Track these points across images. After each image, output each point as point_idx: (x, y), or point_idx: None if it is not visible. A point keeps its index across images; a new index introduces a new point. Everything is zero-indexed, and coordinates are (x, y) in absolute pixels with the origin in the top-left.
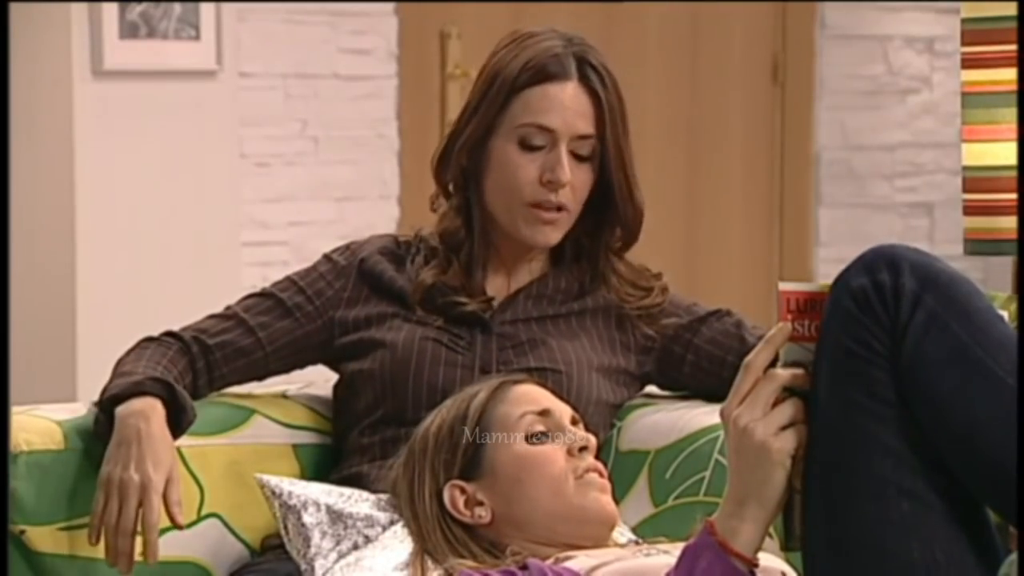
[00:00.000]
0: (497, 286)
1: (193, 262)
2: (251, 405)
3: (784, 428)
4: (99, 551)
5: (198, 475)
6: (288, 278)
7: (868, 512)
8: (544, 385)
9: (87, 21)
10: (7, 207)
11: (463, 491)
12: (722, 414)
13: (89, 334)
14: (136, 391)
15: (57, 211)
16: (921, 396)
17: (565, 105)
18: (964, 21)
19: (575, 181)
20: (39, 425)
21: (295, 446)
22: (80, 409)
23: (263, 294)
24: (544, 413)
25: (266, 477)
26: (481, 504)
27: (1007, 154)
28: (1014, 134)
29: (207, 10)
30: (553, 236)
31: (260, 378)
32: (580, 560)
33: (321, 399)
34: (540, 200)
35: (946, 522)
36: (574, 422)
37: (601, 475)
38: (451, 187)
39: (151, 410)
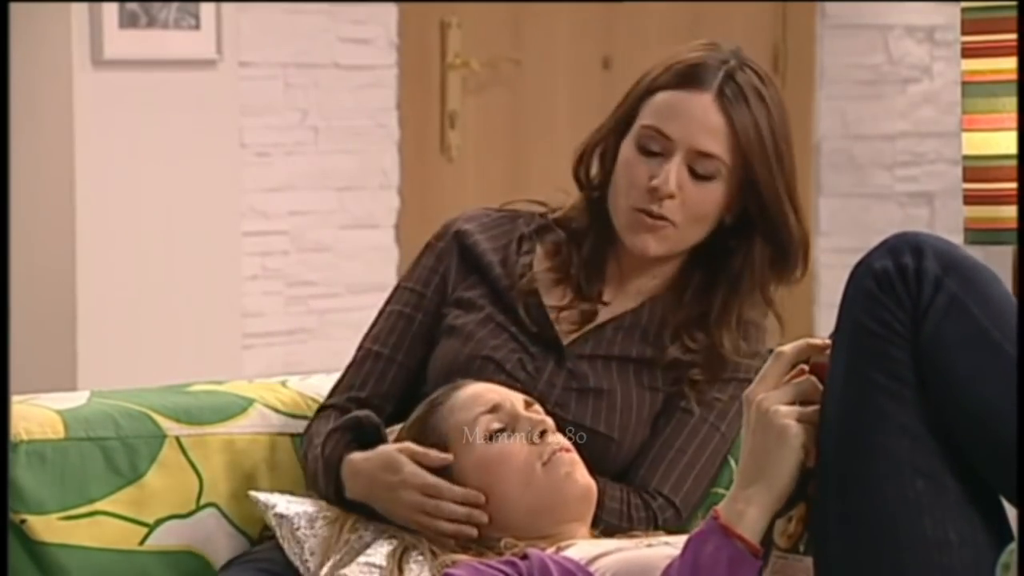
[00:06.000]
0: (610, 296)
1: (193, 251)
2: (251, 395)
3: (795, 403)
4: (99, 540)
5: (197, 465)
6: (399, 287)
7: (882, 490)
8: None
9: (87, 10)
10: (7, 198)
11: None
12: (745, 398)
13: (89, 323)
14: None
15: (57, 201)
16: (938, 377)
17: (691, 116)
18: (964, 10)
19: (687, 196)
20: (39, 414)
21: (294, 436)
22: (80, 398)
23: (388, 314)
24: (495, 409)
25: (259, 494)
26: None
27: (1007, 143)
28: (1014, 123)
29: None
30: (652, 245)
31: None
32: (581, 548)
33: (321, 389)
34: (641, 206)
35: (959, 502)
36: (527, 405)
37: (568, 451)
38: (588, 182)
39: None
